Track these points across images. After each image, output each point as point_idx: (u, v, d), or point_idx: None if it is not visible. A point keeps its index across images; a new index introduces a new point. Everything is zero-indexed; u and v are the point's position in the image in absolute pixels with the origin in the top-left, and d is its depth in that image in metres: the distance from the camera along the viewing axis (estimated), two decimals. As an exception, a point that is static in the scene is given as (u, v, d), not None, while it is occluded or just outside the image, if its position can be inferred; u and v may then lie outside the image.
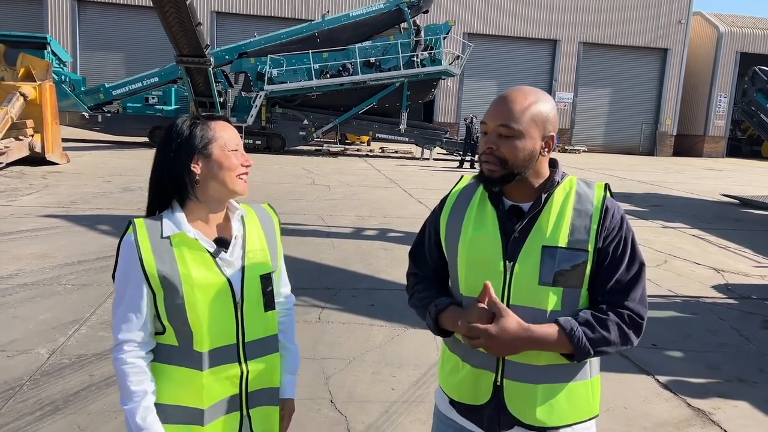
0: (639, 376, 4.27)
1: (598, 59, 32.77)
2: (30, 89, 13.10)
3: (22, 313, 4.75)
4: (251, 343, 1.67)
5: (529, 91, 1.56)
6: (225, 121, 1.68)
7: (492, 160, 1.55)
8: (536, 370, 1.57)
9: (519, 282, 1.55)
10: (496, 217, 1.60)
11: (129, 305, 1.57)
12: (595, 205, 1.57)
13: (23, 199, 9.62)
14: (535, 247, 1.54)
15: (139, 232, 1.58)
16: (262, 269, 1.69)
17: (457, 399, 1.68)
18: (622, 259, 1.56)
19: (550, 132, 1.57)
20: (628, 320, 1.54)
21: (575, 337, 1.49)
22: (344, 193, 12.06)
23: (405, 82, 21.09)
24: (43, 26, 27.45)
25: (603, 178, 18.21)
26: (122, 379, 1.57)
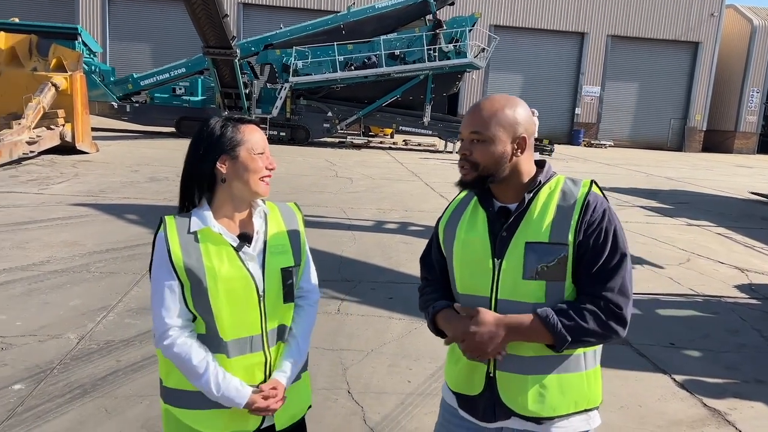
0: (655, 374, 4.28)
1: (627, 53, 32.27)
2: (61, 79, 13.38)
3: (53, 299, 4.92)
4: (271, 331, 1.77)
5: (498, 99, 1.68)
6: (255, 125, 1.78)
7: (465, 165, 1.69)
8: (526, 361, 1.65)
9: (505, 278, 1.64)
10: (486, 218, 1.71)
11: (165, 296, 1.67)
12: (577, 199, 1.65)
13: (54, 187, 9.88)
14: (519, 243, 1.64)
15: (169, 228, 1.70)
16: (282, 263, 1.77)
17: (455, 389, 1.79)
18: (602, 249, 1.61)
19: (520, 134, 1.66)
20: (605, 309, 1.59)
21: (550, 324, 1.57)
22: (366, 186, 12.14)
23: (429, 75, 21.04)
24: (74, 17, 27.93)
25: (629, 174, 18.01)
26: (180, 360, 1.67)
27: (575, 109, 32.21)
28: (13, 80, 13.49)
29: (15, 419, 3.13)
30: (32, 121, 12.34)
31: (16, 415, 3.16)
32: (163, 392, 1.79)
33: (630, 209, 11.50)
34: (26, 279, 5.35)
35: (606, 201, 1.69)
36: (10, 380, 3.54)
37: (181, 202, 1.77)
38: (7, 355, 3.86)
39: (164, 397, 1.78)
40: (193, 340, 1.70)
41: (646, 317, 5.49)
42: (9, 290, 5.06)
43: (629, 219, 10.35)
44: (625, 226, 8.01)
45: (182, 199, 1.77)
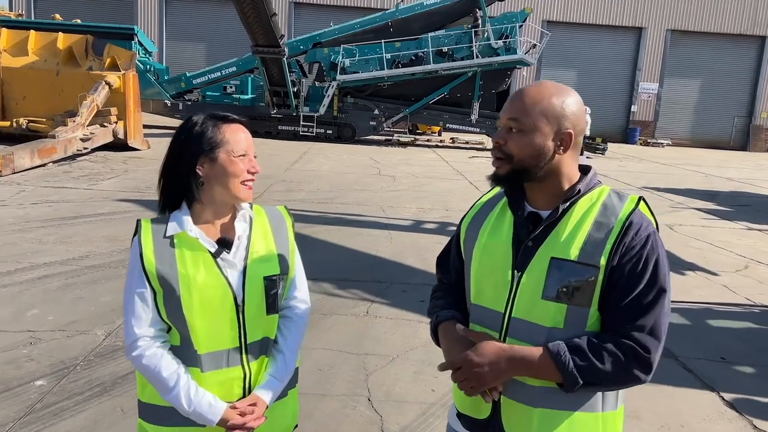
0: (702, 392, 3.98)
1: (688, 48, 30.92)
2: (115, 78, 13.76)
3: (87, 295, 4.98)
4: (253, 344, 1.65)
5: (547, 86, 1.47)
6: (239, 123, 1.65)
7: (499, 155, 1.48)
8: (533, 391, 1.45)
9: (523, 294, 1.45)
10: (512, 223, 1.51)
11: (136, 304, 1.58)
12: (619, 218, 1.42)
13: (103, 183, 10.14)
14: (544, 257, 1.43)
15: (144, 232, 1.60)
16: (266, 270, 1.64)
17: (462, 410, 1.62)
18: (638, 281, 1.39)
19: (566, 128, 1.44)
20: (629, 352, 1.37)
21: (561, 362, 1.37)
22: (409, 185, 11.99)
23: (478, 72, 20.69)
24: (133, 17, 28.81)
25: (686, 174, 17.24)
26: (150, 372, 1.57)
27: (631, 106, 31.11)
28: (70, 79, 13.96)
29: (32, 416, 3.14)
30: (86, 118, 12.73)
31: (34, 412, 3.18)
32: (139, 406, 1.69)
33: (685, 212, 10.96)
34: (64, 273, 5.45)
35: (653, 224, 1.47)
36: (34, 375, 3.57)
37: (160, 205, 1.66)
38: (35, 350, 3.91)
39: (139, 411, 1.69)
40: (164, 351, 1.59)
41: (696, 328, 5.16)
42: (47, 284, 5.16)
43: (684, 222, 9.85)
44: (679, 229, 7.62)
45: (162, 201, 1.66)
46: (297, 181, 11.27)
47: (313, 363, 3.96)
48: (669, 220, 9.94)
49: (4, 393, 3.35)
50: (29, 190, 9.13)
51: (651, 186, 14.11)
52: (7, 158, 10.15)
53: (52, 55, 14.44)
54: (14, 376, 3.54)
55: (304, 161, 14.69)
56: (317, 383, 3.72)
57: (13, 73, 14.18)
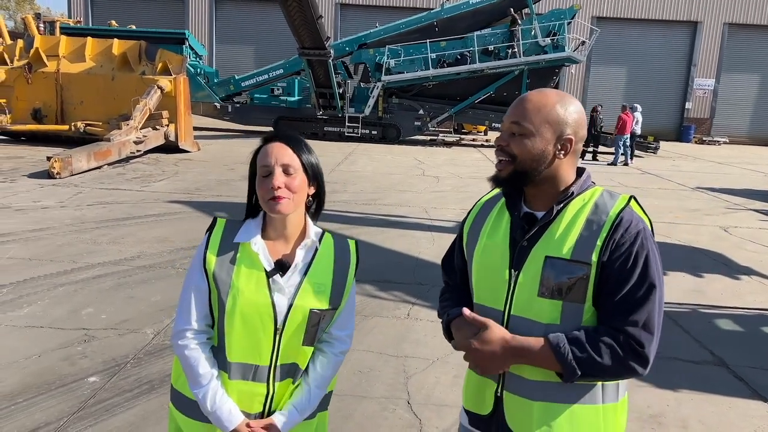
0: (753, 401, 3.84)
1: (746, 41, 29.74)
2: (166, 82, 14.18)
3: (138, 294, 5.16)
4: (284, 365, 1.68)
5: (550, 93, 1.54)
6: (277, 139, 1.65)
7: (501, 157, 1.55)
8: (532, 385, 1.51)
9: (520, 292, 1.52)
10: (509, 224, 1.58)
11: (192, 295, 1.65)
12: (609, 216, 1.48)
13: (155, 185, 10.47)
14: (539, 256, 1.50)
15: (216, 231, 1.68)
16: (314, 303, 1.65)
17: (467, 407, 1.70)
18: (629, 276, 1.44)
19: (567, 135, 1.51)
20: (624, 344, 1.42)
21: (560, 353, 1.43)
22: (452, 185, 11.93)
23: (525, 70, 20.42)
24: (184, 22, 29.63)
25: (744, 174, 16.58)
26: (188, 364, 1.64)
27: (685, 103, 30.12)
28: (124, 84, 14.48)
29: (84, 411, 3.28)
30: (139, 121, 13.17)
31: (87, 408, 3.32)
32: (171, 390, 1.78)
33: (741, 213, 10.55)
34: (117, 273, 5.67)
35: (644, 222, 1.51)
36: (87, 372, 3.73)
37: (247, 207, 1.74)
38: (89, 348, 4.08)
39: (171, 395, 1.78)
40: (206, 349, 1.66)
41: (749, 335, 4.97)
42: (100, 284, 5.37)
43: (739, 224, 9.49)
44: (734, 231, 7.36)
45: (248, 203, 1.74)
46: (341, 182, 11.38)
47: (353, 365, 4.00)
48: (723, 222, 9.59)
49: (59, 388, 3.51)
50: (86, 191, 9.52)
51: (704, 186, 13.64)
52: (65, 161, 10.61)
53: (107, 61, 15.00)
54: (69, 372, 3.71)
55: (349, 162, 14.81)
56: (357, 385, 3.76)
57: (71, 79, 14.79)
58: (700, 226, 9.20)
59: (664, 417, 3.58)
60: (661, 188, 13.16)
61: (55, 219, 7.61)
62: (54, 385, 3.55)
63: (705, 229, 8.92)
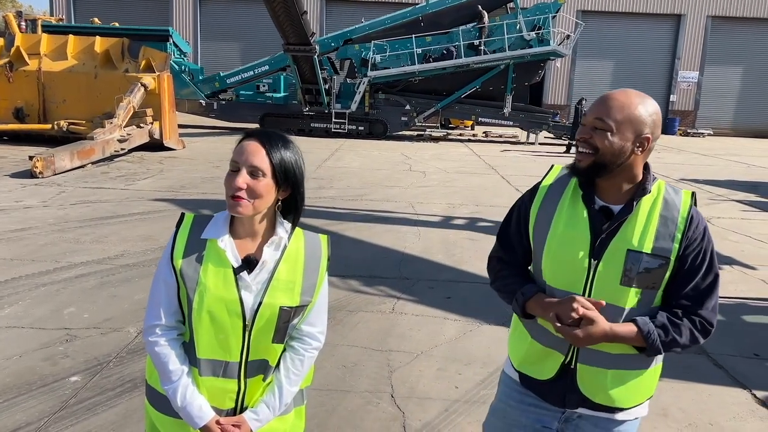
0: (733, 389, 3.89)
1: (730, 34, 29.95)
2: (150, 80, 14.07)
3: (121, 293, 5.13)
4: (254, 362, 1.68)
5: (633, 93, 1.68)
6: (252, 139, 1.63)
7: (584, 148, 1.68)
8: (609, 357, 1.72)
9: (601, 280, 1.68)
10: (587, 216, 1.71)
11: (161, 290, 1.64)
12: (681, 214, 1.68)
13: (139, 183, 10.40)
14: (620, 248, 1.66)
15: (183, 226, 1.67)
16: (284, 301, 1.64)
17: (520, 369, 1.86)
18: (700, 268, 1.67)
19: (645, 134, 1.65)
20: (699, 327, 1.68)
21: (650, 339, 1.65)
22: (439, 180, 11.95)
23: (510, 64, 20.46)
24: (168, 19, 29.37)
25: (728, 165, 16.75)
26: (159, 360, 1.64)
27: (670, 96, 30.33)
28: (107, 82, 14.33)
29: (66, 411, 3.26)
30: (123, 119, 13.06)
31: (68, 407, 3.30)
32: (145, 386, 1.77)
33: (724, 203, 10.66)
34: (100, 272, 5.63)
35: (704, 218, 1.73)
36: (69, 372, 3.70)
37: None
38: (71, 347, 4.05)
39: (146, 391, 1.77)
40: (177, 345, 1.65)
41: (729, 324, 5.03)
42: (83, 283, 5.33)
43: (722, 214, 9.59)
44: (717, 221, 7.48)
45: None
46: (328, 178, 11.36)
47: (337, 359, 4.01)
48: (707, 212, 9.67)
49: (41, 389, 3.49)
50: (69, 191, 9.43)
51: (689, 178, 13.76)
52: (48, 160, 10.50)
53: (90, 59, 14.84)
54: (50, 372, 3.68)
55: (336, 158, 14.78)
56: (341, 379, 3.77)
57: (53, 77, 14.63)
58: (683, 217, 9.27)
59: (645, 406, 3.61)
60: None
61: (37, 219, 7.54)
62: (35, 385, 3.53)
63: (688, 220, 8.99)
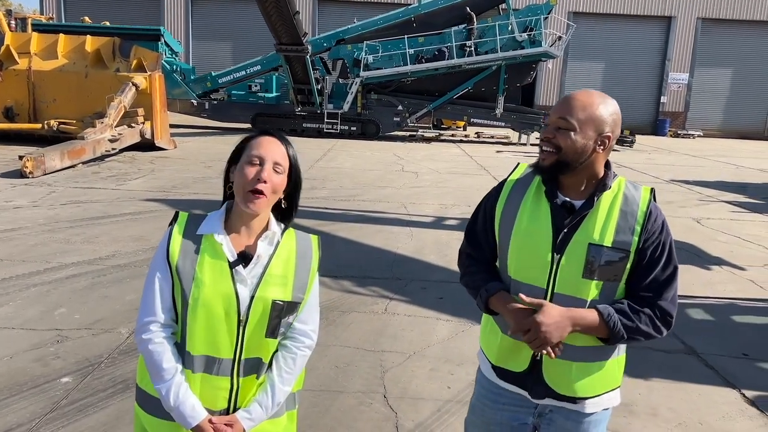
0: (723, 389, 3.93)
1: (719, 36, 30.18)
2: (141, 79, 14.00)
3: (112, 293, 5.11)
4: (248, 360, 1.68)
5: (593, 94, 1.74)
6: (276, 138, 1.68)
7: (547, 147, 1.73)
8: (574, 349, 1.75)
9: (564, 273, 1.73)
10: (550, 211, 1.76)
11: (155, 288, 1.64)
12: (641, 208, 1.74)
13: (130, 183, 10.35)
14: (581, 242, 1.71)
15: (179, 224, 1.68)
16: (277, 294, 1.66)
17: (497, 364, 1.88)
18: (659, 260, 1.73)
19: (606, 132, 1.72)
20: (659, 315, 1.73)
21: (611, 322, 1.69)
22: (431, 181, 11.97)
23: (502, 65, 20.51)
24: (160, 18, 29.25)
25: (717, 166, 16.88)
26: (152, 359, 1.62)
27: (660, 97, 30.51)
28: (98, 81, 14.24)
29: (57, 412, 3.25)
30: (114, 119, 12.98)
31: (59, 408, 3.28)
32: (136, 390, 1.76)
33: (713, 205, 10.74)
34: (91, 273, 5.60)
35: (662, 212, 1.79)
36: (60, 373, 3.68)
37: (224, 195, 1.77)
38: (62, 348, 4.03)
39: (136, 394, 1.76)
40: (171, 343, 1.65)
41: (719, 324, 5.08)
42: (74, 283, 5.31)
43: (711, 215, 9.66)
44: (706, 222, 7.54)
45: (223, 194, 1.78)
46: (320, 178, 11.35)
47: (330, 360, 4.01)
48: (696, 213, 9.76)
49: (31, 390, 3.47)
50: (59, 190, 9.37)
51: (679, 179, 13.85)
52: (38, 160, 10.43)
53: (80, 58, 14.74)
54: (41, 374, 3.66)
55: (328, 158, 14.77)
56: (334, 380, 3.77)
57: (43, 76, 14.53)
58: (674, 217, 9.34)
59: (635, 405, 3.65)
60: (636, 181, 13.29)
61: (27, 219, 7.49)
62: (26, 386, 3.51)
63: (679, 221, 9.06)
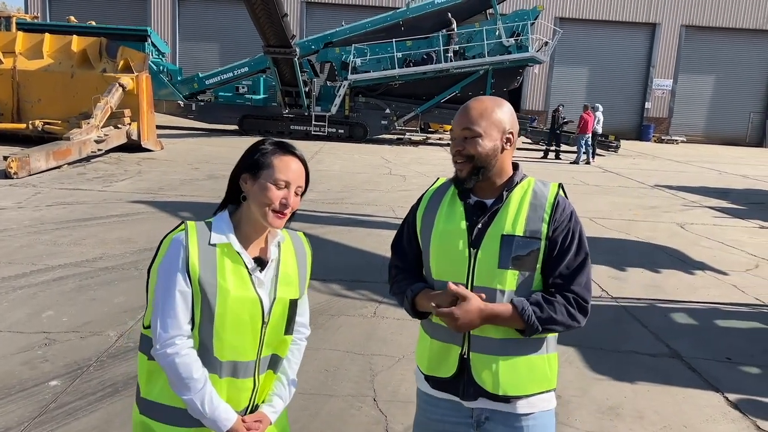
0: (706, 392, 4.00)
1: (703, 43, 30.62)
2: (128, 80, 13.91)
3: (100, 296, 5.09)
4: (265, 357, 1.76)
5: (485, 99, 1.83)
6: (297, 158, 1.71)
7: (460, 160, 1.81)
8: (496, 343, 1.78)
9: (481, 266, 1.78)
10: (463, 210, 1.84)
11: (177, 301, 1.62)
12: (548, 200, 1.81)
13: (117, 184, 10.29)
14: (495, 235, 1.77)
15: (191, 234, 1.66)
16: (291, 294, 1.77)
17: (428, 372, 1.89)
18: (569, 248, 1.78)
19: (508, 130, 1.81)
20: (573, 303, 1.77)
21: (525, 315, 1.72)
22: (419, 184, 12.01)
23: (489, 70, 20.65)
24: (146, 18, 29.08)
25: (699, 172, 17.11)
26: (180, 370, 1.60)
27: (645, 103, 30.88)
28: (84, 81, 14.15)
29: (46, 416, 3.23)
30: (100, 120, 12.89)
31: (48, 412, 3.27)
32: (141, 403, 1.73)
33: (697, 210, 10.90)
34: (79, 275, 5.57)
35: (571, 204, 1.85)
36: (48, 376, 3.67)
37: (222, 203, 1.79)
38: (50, 351, 4.01)
39: (142, 408, 1.73)
40: (195, 353, 1.65)
41: (702, 328, 5.16)
42: (62, 286, 5.28)
43: (695, 221, 9.80)
44: (690, 227, 7.67)
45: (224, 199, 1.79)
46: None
47: (320, 363, 4.03)
48: (680, 218, 9.89)
49: (19, 393, 3.45)
50: (45, 192, 9.29)
51: (663, 184, 14.03)
52: (23, 160, 10.33)
53: (66, 58, 14.63)
54: (29, 377, 3.64)
55: (316, 161, 14.77)
56: (323, 384, 3.79)
57: (28, 76, 14.39)
58: (658, 222, 9.48)
59: (621, 408, 3.71)
60: (621, 186, 13.49)
61: (12, 220, 7.42)
62: (14, 389, 3.49)
63: (663, 226, 9.19)
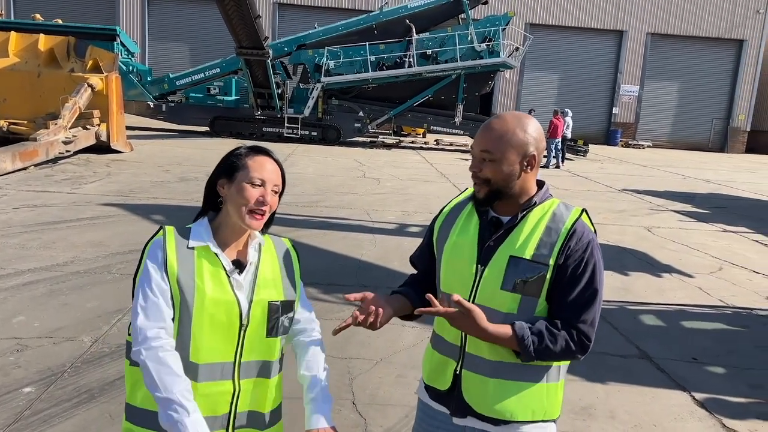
0: (674, 391, 4.13)
1: (668, 51, 31.43)
2: (97, 80, 13.68)
3: (72, 301, 5.01)
4: (247, 363, 1.73)
5: (509, 119, 1.73)
6: (271, 159, 1.75)
7: (478, 182, 1.76)
8: (489, 364, 1.74)
9: (485, 285, 1.73)
10: (478, 225, 1.80)
11: (158, 298, 1.62)
12: (566, 225, 1.72)
13: (86, 187, 10.11)
14: (504, 255, 1.72)
15: (168, 238, 1.70)
16: (270, 296, 1.76)
17: (428, 382, 1.91)
18: (579, 279, 1.69)
19: (530, 152, 1.72)
20: (576, 339, 1.69)
21: (525, 343, 1.66)
22: (393, 188, 12.08)
23: (461, 75, 20.87)
24: (114, 17, 28.60)
25: (666, 176, 17.53)
26: (163, 366, 1.57)
27: (612, 108, 31.54)
28: (51, 81, 13.84)
29: (21, 423, 3.18)
30: (68, 121, 12.64)
31: (23, 419, 3.22)
32: (128, 410, 1.72)
33: (663, 214, 11.18)
34: (49, 279, 5.47)
35: (593, 233, 1.75)
36: (22, 383, 3.60)
37: (201, 210, 1.82)
38: (22, 357, 3.94)
39: (129, 415, 1.72)
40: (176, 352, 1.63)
41: (669, 329, 5.31)
42: (32, 291, 5.18)
43: (662, 224, 10.06)
44: (657, 231, 7.83)
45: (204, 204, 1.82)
46: (281, 184, 11.27)
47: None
48: (647, 222, 10.14)
49: (-8, 400, 3.39)
50: (11, 194, 9.09)
51: (631, 188, 14.35)
52: (-12, 162, 10.09)
53: (33, 57, 14.30)
54: (2, 384, 3.58)
55: (289, 163, 14.72)
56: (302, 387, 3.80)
57: (-7, 75, 14.04)
58: (626, 226, 9.70)
59: (594, 408, 3.80)
60: (590, 190, 13.76)
61: (-22, 223, 7.25)
62: (-14, 397, 3.42)
63: (631, 230, 9.42)
